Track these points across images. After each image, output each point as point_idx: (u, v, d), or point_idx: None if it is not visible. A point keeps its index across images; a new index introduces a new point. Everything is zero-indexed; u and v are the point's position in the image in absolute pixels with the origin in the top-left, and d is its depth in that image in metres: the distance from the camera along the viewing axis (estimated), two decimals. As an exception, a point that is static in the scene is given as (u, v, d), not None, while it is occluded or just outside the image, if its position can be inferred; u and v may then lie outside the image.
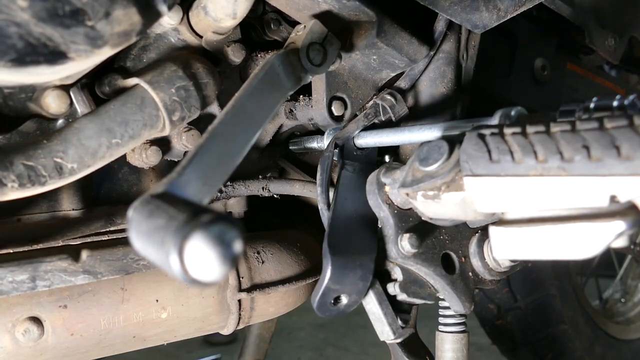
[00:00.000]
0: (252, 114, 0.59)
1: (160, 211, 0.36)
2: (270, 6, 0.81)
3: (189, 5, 0.71)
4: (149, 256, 0.37)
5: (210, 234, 0.33)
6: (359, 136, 0.79)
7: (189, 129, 0.78)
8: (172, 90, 0.68)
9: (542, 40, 1.12)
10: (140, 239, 0.37)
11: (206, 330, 0.90)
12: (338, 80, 0.82)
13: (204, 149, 0.49)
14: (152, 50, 0.74)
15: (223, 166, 0.52)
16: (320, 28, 0.72)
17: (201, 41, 0.74)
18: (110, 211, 0.80)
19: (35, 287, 0.72)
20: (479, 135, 0.53)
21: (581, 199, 0.47)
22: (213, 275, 0.34)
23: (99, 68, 0.65)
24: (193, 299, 0.85)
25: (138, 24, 0.51)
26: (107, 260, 0.77)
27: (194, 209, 0.35)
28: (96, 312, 0.77)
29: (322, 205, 0.73)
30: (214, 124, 0.53)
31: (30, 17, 0.45)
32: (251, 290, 0.89)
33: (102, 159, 0.64)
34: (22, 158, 0.58)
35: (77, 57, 0.49)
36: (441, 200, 0.59)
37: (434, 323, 0.79)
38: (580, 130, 0.47)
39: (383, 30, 0.77)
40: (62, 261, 0.74)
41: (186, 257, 0.34)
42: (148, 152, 0.75)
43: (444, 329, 0.78)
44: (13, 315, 0.72)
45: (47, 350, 0.74)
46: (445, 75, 0.88)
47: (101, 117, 0.64)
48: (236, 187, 0.92)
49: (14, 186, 0.57)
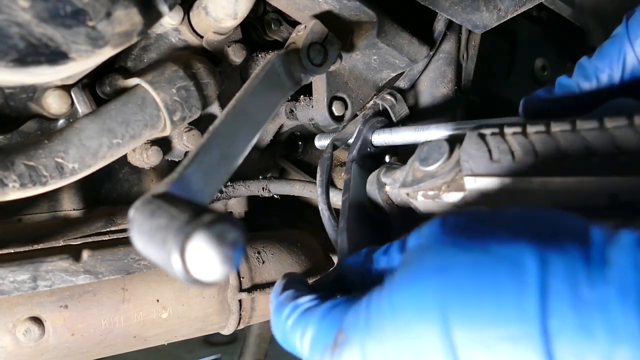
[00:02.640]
0: (253, 114, 0.59)
1: (161, 211, 0.36)
2: (270, 6, 0.81)
3: (189, 5, 0.71)
4: (150, 256, 0.37)
5: (212, 233, 0.33)
6: (376, 132, 0.77)
7: (190, 129, 0.78)
8: (173, 91, 0.68)
9: (542, 40, 1.12)
10: (142, 239, 0.37)
11: (207, 330, 0.90)
12: (339, 81, 0.82)
13: (205, 149, 0.49)
14: (153, 51, 0.74)
15: (224, 166, 0.52)
16: (321, 28, 0.72)
17: (202, 41, 0.74)
18: (111, 211, 0.80)
19: (36, 287, 0.72)
20: (479, 135, 0.53)
21: (581, 198, 0.47)
22: (215, 275, 0.34)
23: (100, 68, 0.65)
24: (194, 299, 0.85)
25: (139, 24, 0.51)
26: (108, 260, 0.77)
27: (195, 209, 0.35)
28: (97, 312, 0.77)
29: (323, 205, 0.73)
30: (215, 124, 0.53)
31: (32, 17, 0.45)
32: (252, 290, 0.89)
33: (103, 159, 0.65)
34: (24, 158, 0.58)
35: (78, 58, 0.49)
36: (441, 200, 0.59)
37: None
38: (581, 130, 0.47)
39: (383, 30, 0.77)
40: (63, 261, 0.74)
41: (188, 257, 0.34)
42: (149, 152, 0.75)
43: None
44: (14, 315, 0.72)
45: (48, 350, 0.75)
46: (445, 75, 0.88)
47: (102, 117, 0.64)
48: (237, 188, 0.92)
49: (15, 186, 0.57)
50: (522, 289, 0.32)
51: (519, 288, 0.32)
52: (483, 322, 0.32)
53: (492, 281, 0.33)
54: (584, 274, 0.31)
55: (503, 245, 0.35)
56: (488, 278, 0.34)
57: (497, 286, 0.33)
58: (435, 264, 0.37)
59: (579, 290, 0.30)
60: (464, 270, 0.35)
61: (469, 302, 0.33)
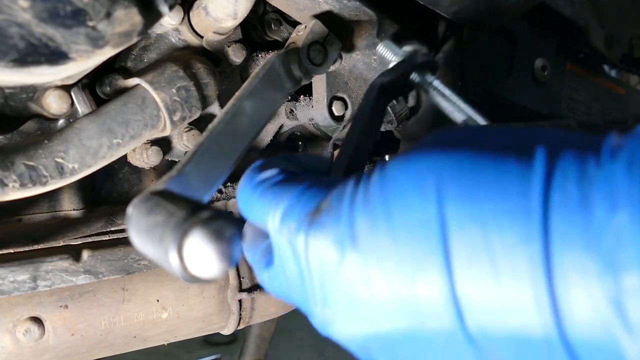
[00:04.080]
0: (253, 113, 0.59)
1: (159, 208, 0.37)
2: (270, 6, 0.82)
3: (189, 5, 0.71)
4: (148, 253, 0.37)
5: (210, 230, 0.33)
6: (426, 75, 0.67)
7: (190, 129, 0.78)
8: (173, 91, 0.68)
9: (542, 40, 1.12)
10: (140, 236, 0.37)
11: (207, 331, 0.90)
12: (339, 81, 0.82)
13: (204, 147, 0.49)
14: (153, 51, 0.74)
15: (223, 165, 0.52)
16: (321, 28, 0.72)
17: (202, 41, 0.74)
18: (111, 211, 0.80)
19: (36, 287, 0.72)
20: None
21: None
22: (212, 271, 0.34)
23: (99, 68, 0.65)
24: (194, 299, 0.85)
25: (139, 24, 0.51)
26: (108, 260, 0.77)
27: (193, 206, 0.35)
28: (97, 312, 0.77)
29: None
30: (214, 123, 0.53)
31: (32, 17, 0.45)
32: (252, 290, 0.89)
33: (103, 159, 0.65)
34: (24, 158, 0.59)
35: (78, 58, 0.49)
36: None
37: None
38: None
39: (383, 30, 0.77)
40: (63, 261, 0.74)
41: (185, 253, 0.34)
42: (149, 152, 0.75)
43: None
44: (14, 315, 0.73)
45: (48, 350, 0.75)
46: (445, 75, 0.88)
47: (102, 117, 0.65)
48: (236, 188, 0.92)
49: (15, 186, 0.57)
50: (527, 164, 0.30)
51: (523, 164, 0.30)
52: (480, 195, 0.30)
53: (496, 157, 0.31)
54: (593, 157, 0.29)
55: (509, 135, 0.33)
56: (491, 154, 0.32)
57: (501, 161, 0.31)
58: (432, 145, 0.34)
59: (586, 169, 0.29)
60: (464, 147, 0.33)
61: (467, 174, 0.31)
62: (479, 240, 0.30)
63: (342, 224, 0.34)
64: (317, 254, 0.34)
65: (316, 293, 0.35)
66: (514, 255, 0.29)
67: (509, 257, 0.29)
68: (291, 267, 0.37)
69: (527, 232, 0.29)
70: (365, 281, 0.33)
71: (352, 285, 0.33)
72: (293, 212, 0.37)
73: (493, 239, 0.30)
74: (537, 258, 0.28)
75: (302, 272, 0.36)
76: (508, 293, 0.29)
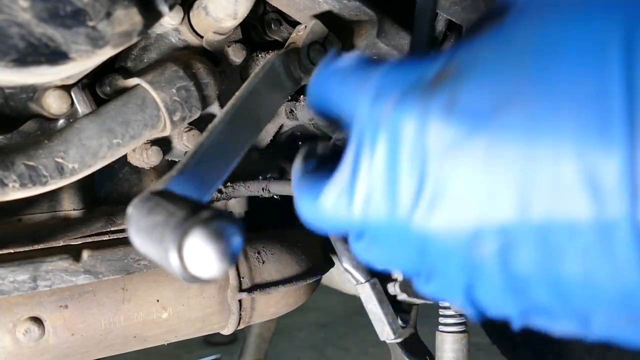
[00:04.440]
0: (253, 113, 0.59)
1: (159, 208, 0.37)
2: (270, 6, 0.82)
3: (189, 5, 0.71)
4: (148, 253, 0.37)
5: (210, 230, 0.33)
6: None
7: (190, 129, 0.78)
8: (173, 91, 0.68)
9: (542, 41, 1.12)
10: (140, 235, 0.37)
11: (207, 331, 0.90)
12: (338, 81, 0.82)
13: (203, 147, 0.49)
14: (152, 51, 0.74)
15: (223, 165, 0.52)
16: (321, 28, 0.72)
17: (202, 41, 0.74)
18: (111, 211, 0.80)
19: (36, 287, 0.72)
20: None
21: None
22: (212, 271, 0.34)
23: (99, 68, 0.65)
24: (194, 299, 0.85)
25: (139, 24, 0.51)
26: (108, 260, 0.77)
27: (193, 206, 0.35)
28: (97, 312, 0.77)
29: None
30: (214, 123, 0.53)
31: (32, 17, 0.45)
32: (252, 290, 0.89)
33: (103, 159, 0.65)
34: (24, 158, 0.59)
35: (78, 58, 0.49)
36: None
37: (434, 323, 0.79)
38: None
39: (383, 30, 0.77)
40: (63, 261, 0.74)
41: (185, 253, 0.34)
42: (149, 152, 0.75)
43: (444, 329, 0.78)
44: (14, 316, 0.73)
45: (48, 350, 0.75)
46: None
47: (102, 117, 0.65)
48: (237, 188, 0.93)
49: (15, 186, 0.58)
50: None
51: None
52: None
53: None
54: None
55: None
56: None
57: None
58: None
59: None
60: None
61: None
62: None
63: (485, 87, 0.28)
64: (445, 130, 0.28)
65: (428, 175, 0.29)
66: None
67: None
68: (381, 155, 0.30)
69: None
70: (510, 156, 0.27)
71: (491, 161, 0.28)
72: (393, 85, 0.30)
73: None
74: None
75: (401, 158, 0.29)
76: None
